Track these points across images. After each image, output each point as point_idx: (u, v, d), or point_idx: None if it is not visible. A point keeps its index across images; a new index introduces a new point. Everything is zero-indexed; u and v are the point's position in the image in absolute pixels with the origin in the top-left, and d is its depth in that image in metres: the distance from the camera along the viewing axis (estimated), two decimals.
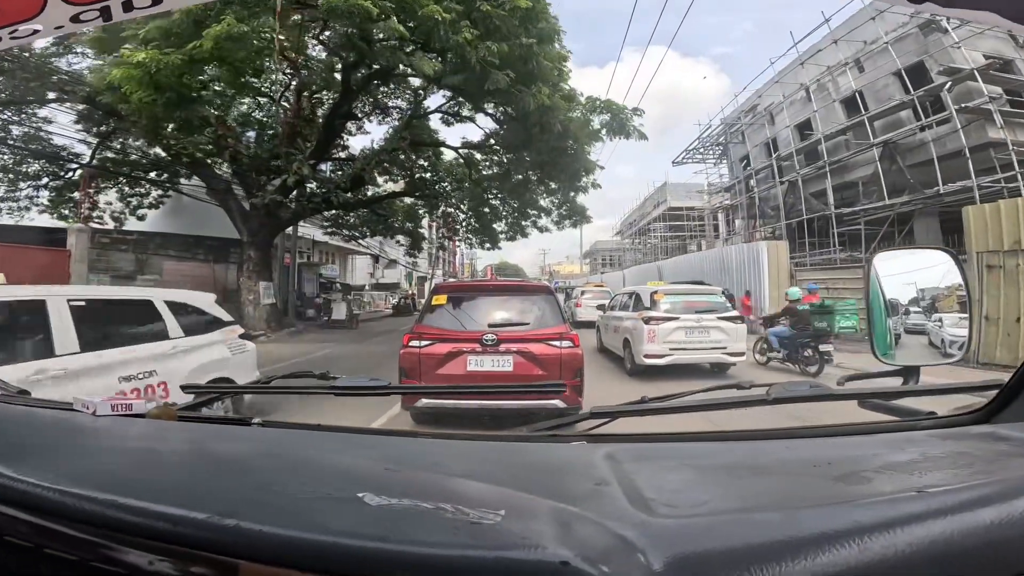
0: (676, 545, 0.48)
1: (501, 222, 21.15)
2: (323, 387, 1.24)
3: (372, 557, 0.48)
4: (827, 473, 0.70)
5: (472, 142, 19.33)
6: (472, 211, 21.59)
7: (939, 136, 15.11)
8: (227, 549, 0.51)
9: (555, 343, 4.75)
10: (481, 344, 4.72)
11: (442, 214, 23.68)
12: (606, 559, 0.46)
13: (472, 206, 21.21)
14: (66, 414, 1.04)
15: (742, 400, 1.03)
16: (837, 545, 0.47)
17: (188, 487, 0.66)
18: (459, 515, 0.53)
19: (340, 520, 0.54)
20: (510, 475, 0.74)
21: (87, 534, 0.56)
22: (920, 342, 1.21)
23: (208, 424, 1.10)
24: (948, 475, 0.68)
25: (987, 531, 0.49)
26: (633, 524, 0.52)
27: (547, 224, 20.39)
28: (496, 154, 18.63)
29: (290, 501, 0.60)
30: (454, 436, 1.01)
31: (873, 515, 0.50)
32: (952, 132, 14.46)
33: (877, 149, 16.37)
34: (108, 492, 0.58)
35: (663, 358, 8.27)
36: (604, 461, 0.75)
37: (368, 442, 0.98)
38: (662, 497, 0.60)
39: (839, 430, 0.96)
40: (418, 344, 4.79)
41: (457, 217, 23.39)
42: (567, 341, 4.79)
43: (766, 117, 22.67)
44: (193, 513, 0.54)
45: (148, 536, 0.54)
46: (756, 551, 0.47)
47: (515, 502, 0.58)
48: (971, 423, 0.91)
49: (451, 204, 22.13)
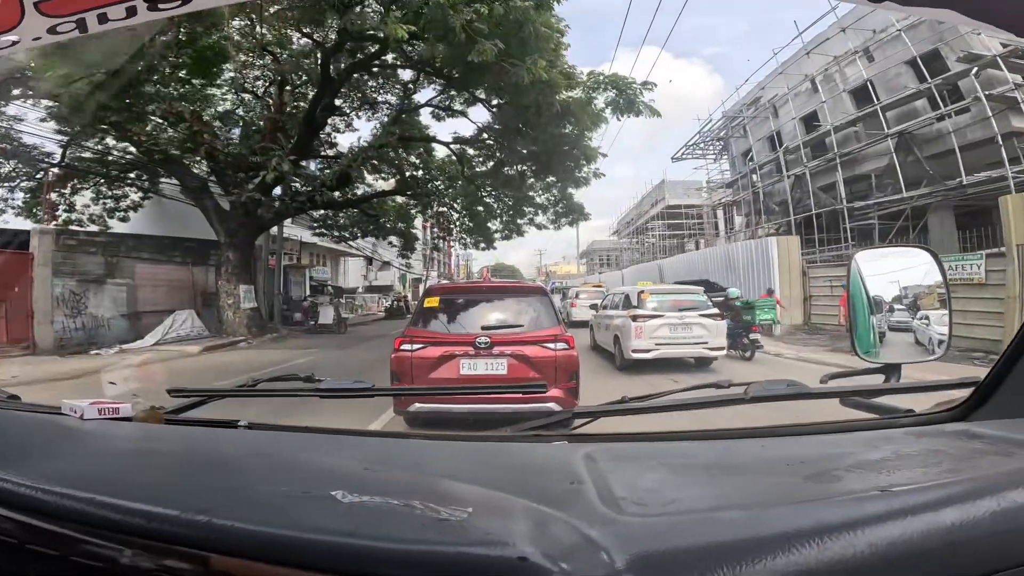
0: (640, 544, 0.49)
1: (496, 220, 20.27)
2: (308, 390, 1.24)
3: (339, 552, 0.49)
4: (799, 472, 0.70)
5: (464, 137, 18.55)
6: (465, 210, 20.84)
7: (959, 127, 14.31)
8: (199, 543, 0.53)
9: (550, 345, 4.70)
10: (474, 347, 4.65)
11: (435, 214, 22.81)
12: (568, 556, 0.47)
13: (465, 204, 20.46)
14: (54, 417, 1.06)
15: (721, 399, 1.05)
16: (798, 545, 0.47)
17: (167, 486, 0.68)
18: (428, 512, 0.54)
19: (310, 516, 0.56)
20: (488, 475, 0.75)
21: (68, 530, 0.58)
22: (902, 339, 1.20)
23: (195, 427, 1.12)
24: (917, 474, 0.68)
25: (948, 532, 0.49)
26: (601, 523, 0.53)
27: (544, 222, 19.57)
28: (489, 149, 17.82)
29: (265, 499, 0.63)
30: (439, 437, 1.05)
31: (836, 514, 0.50)
32: (974, 122, 13.68)
33: (892, 140, 15.56)
34: (89, 491, 0.60)
35: (649, 352, 8.78)
36: (582, 461, 0.76)
37: (353, 443, 1.00)
38: (634, 496, 0.61)
39: (817, 428, 0.98)
40: (410, 348, 4.73)
41: (451, 217, 22.68)
42: (562, 343, 4.72)
43: (769, 110, 21.88)
44: (167, 510, 0.56)
45: (125, 532, 0.56)
46: (719, 550, 0.47)
47: (486, 500, 0.60)
48: (948, 420, 0.91)
49: (444, 203, 21.40)
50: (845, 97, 17.96)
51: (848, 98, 17.91)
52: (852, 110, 17.51)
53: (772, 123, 21.82)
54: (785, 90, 20.48)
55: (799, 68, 19.78)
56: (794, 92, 20.01)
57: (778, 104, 21.41)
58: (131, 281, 15.44)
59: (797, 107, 20.11)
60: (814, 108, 19.24)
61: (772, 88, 21.37)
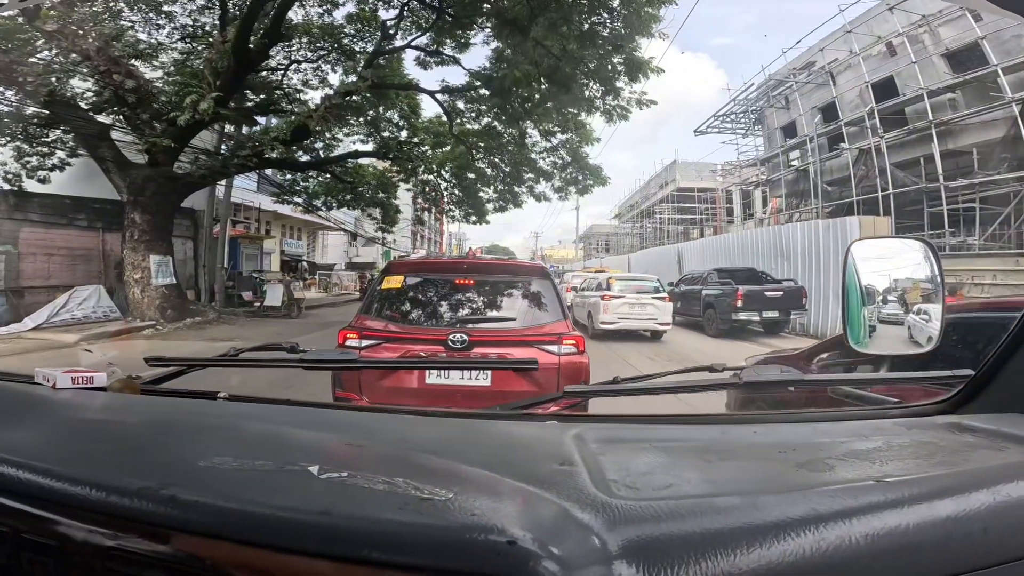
0: (633, 529, 0.47)
1: (489, 188, 16.83)
2: (291, 360, 1.19)
3: (311, 530, 0.46)
4: (792, 459, 0.70)
5: (454, 87, 14.99)
6: (455, 176, 17.41)
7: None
8: (160, 519, 0.50)
9: (551, 347, 3.40)
10: (447, 347, 3.40)
11: (419, 182, 19.34)
12: (558, 540, 0.45)
13: (454, 169, 17.00)
14: (24, 387, 1.04)
15: (713, 383, 1.04)
16: (794, 533, 0.47)
17: (138, 459, 0.65)
18: (410, 490, 0.52)
19: (283, 493, 0.53)
20: (475, 453, 0.73)
21: (20, 504, 0.55)
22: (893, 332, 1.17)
23: (173, 398, 1.08)
24: (910, 465, 0.69)
25: (943, 524, 0.49)
26: (592, 506, 0.51)
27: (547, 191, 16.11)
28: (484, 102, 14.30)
29: (235, 473, 0.59)
30: (426, 412, 1.02)
31: (831, 504, 0.50)
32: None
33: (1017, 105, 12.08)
34: (54, 464, 0.57)
35: (614, 324, 11.27)
36: (572, 441, 0.75)
37: (336, 417, 0.98)
38: (626, 479, 0.60)
39: (808, 416, 1.00)
40: (357, 344, 3.43)
41: (437, 186, 19.28)
42: (569, 345, 3.44)
43: (824, 76, 18.29)
44: (128, 483, 0.53)
45: (81, 507, 0.53)
46: (715, 536, 0.46)
47: (473, 480, 0.58)
48: (937, 413, 0.91)
49: (430, 170, 17.97)
50: (936, 60, 14.46)
51: (941, 61, 14.41)
52: (945, 75, 14.03)
53: (831, 90, 18.21)
54: (847, 53, 16.93)
55: (869, 28, 16.24)
56: (865, 54, 16.42)
57: (835, 70, 17.87)
58: (11, 248, 11.99)
59: (870, 70, 16.54)
60: (889, 73, 15.71)
61: (832, 51, 17.76)
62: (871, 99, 16.28)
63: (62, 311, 11.67)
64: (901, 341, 1.17)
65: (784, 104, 20.85)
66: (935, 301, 1.13)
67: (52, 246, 12.71)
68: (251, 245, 20.34)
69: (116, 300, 12.70)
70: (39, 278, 12.46)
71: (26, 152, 11.88)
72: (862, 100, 16.66)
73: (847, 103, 17.51)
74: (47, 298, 11.99)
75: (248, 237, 20.32)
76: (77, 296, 12.17)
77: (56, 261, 12.80)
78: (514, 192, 16.51)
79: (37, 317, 11.32)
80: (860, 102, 16.72)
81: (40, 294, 12.17)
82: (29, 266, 12.33)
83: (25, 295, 12.08)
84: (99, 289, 12.64)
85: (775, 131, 21.93)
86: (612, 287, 11.93)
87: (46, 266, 12.63)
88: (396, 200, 20.77)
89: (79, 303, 12.12)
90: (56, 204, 12.88)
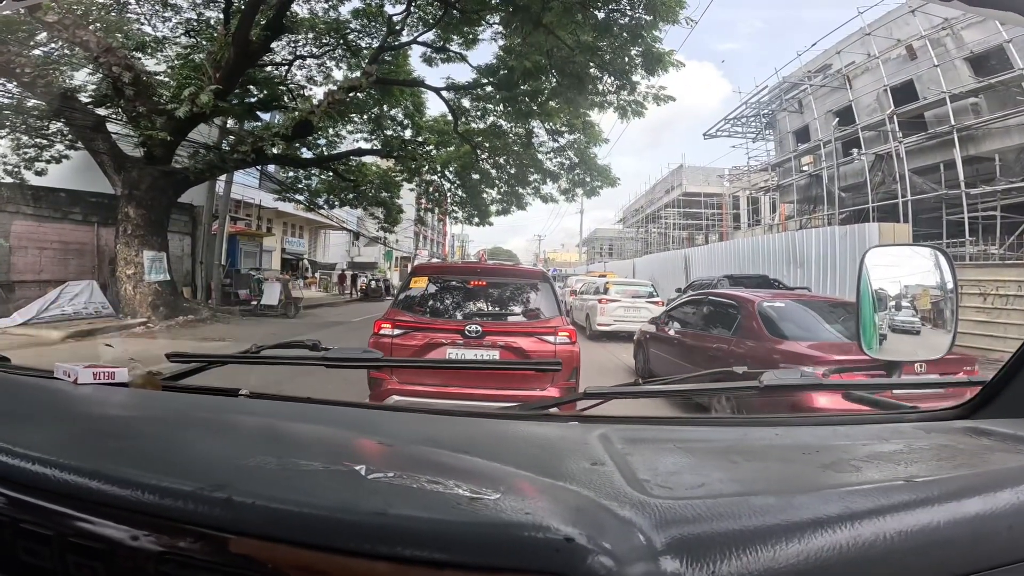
0: (676, 526, 0.48)
1: (493, 189, 16.42)
2: (314, 358, 1.19)
3: (368, 531, 0.46)
4: (815, 460, 0.70)
5: (460, 84, 14.63)
6: (458, 177, 17.01)
7: None
8: (216, 523, 0.49)
9: (549, 338, 4.23)
10: (463, 336, 4.14)
11: (423, 182, 18.98)
12: (608, 537, 0.46)
13: (458, 170, 16.60)
14: (46, 382, 1.02)
15: (733, 387, 1.04)
16: (830, 530, 0.48)
17: (174, 457, 0.64)
18: (457, 490, 0.52)
19: (336, 493, 0.52)
20: (506, 453, 0.73)
21: (65, 507, 0.53)
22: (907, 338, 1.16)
23: (194, 395, 1.08)
24: (933, 466, 0.69)
25: (972, 522, 0.51)
26: (632, 504, 0.52)
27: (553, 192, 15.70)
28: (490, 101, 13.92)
29: (283, 473, 0.58)
30: (447, 412, 1.01)
31: (864, 502, 0.51)
32: None
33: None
34: (88, 462, 0.56)
35: (610, 326, 11.92)
36: (598, 441, 0.75)
37: (359, 416, 0.97)
38: (657, 478, 0.61)
39: (827, 419, 0.99)
40: (390, 332, 4.21)
41: (441, 187, 18.93)
42: (563, 336, 4.22)
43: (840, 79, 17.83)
44: (180, 484, 0.51)
45: (132, 509, 0.51)
46: (754, 534, 0.47)
47: (514, 479, 0.58)
48: (954, 418, 0.91)
49: (434, 170, 17.61)
50: (959, 64, 14.01)
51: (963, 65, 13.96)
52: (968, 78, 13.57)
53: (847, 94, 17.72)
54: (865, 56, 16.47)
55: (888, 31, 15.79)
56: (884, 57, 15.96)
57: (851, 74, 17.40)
58: (2, 242, 11.66)
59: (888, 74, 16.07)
60: (909, 77, 15.25)
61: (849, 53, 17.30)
62: (890, 103, 15.81)
63: (52, 306, 11.33)
64: (913, 347, 1.17)
65: (797, 108, 20.37)
66: (948, 308, 1.12)
67: (45, 240, 12.39)
68: (250, 242, 19.99)
69: (109, 296, 12.37)
70: (30, 272, 12.13)
71: (23, 144, 11.59)
72: (879, 104, 16.19)
73: (863, 107, 17.04)
74: (38, 293, 11.66)
75: (247, 234, 19.98)
76: (69, 291, 11.82)
77: (48, 255, 12.48)
78: (518, 194, 16.11)
79: (26, 312, 10.98)
80: (877, 106, 16.24)
81: (31, 288, 11.83)
82: (20, 260, 12.01)
83: (15, 289, 11.75)
84: (92, 284, 12.29)
85: (787, 135, 21.43)
86: (608, 291, 12.72)
87: (38, 260, 12.30)
88: (399, 200, 20.48)
89: (70, 298, 11.77)
90: (50, 197, 12.57)
